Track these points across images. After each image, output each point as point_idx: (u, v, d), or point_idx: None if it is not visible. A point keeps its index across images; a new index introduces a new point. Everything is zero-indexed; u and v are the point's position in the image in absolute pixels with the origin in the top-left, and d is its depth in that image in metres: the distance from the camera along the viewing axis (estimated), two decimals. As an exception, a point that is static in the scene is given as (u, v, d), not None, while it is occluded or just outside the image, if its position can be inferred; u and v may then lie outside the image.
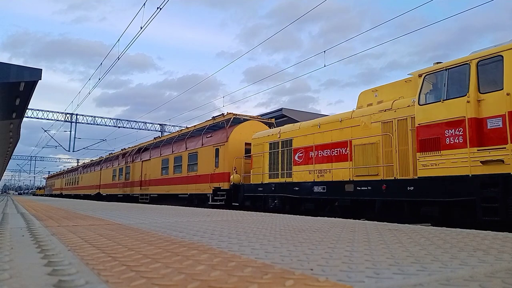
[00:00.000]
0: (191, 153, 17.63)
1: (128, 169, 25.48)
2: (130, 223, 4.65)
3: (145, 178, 22.43)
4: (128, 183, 25.01)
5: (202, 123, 18.01)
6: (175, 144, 19.67)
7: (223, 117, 16.15)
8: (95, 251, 2.35)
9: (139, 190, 22.85)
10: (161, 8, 12.85)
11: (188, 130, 19.17)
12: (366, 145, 9.54)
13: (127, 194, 24.90)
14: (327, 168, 10.50)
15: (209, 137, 16.62)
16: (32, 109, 33.92)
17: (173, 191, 18.71)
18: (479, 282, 1.59)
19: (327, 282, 1.57)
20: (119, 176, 27.10)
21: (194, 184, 16.84)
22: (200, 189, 16.24)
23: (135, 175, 24.04)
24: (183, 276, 1.65)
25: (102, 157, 34.18)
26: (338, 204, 9.84)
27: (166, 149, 20.42)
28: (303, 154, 11.45)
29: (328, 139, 10.67)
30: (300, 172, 11.40)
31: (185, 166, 18.00)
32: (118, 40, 17.81)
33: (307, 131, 11.55)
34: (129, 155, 25.88)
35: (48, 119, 34.89)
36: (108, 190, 29.05)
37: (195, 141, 17.74)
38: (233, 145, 14.91)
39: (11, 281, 1.54)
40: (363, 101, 10.48)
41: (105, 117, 40.80)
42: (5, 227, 4.00)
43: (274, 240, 2.97)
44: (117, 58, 18.22)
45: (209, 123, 17.15)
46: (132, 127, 38.54)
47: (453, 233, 3.48)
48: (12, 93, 8.76)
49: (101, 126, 37.44)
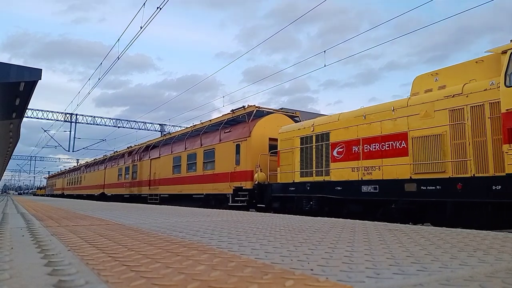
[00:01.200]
0: (207, 149, 16.20)
1: (135, 167, 23.97)
2: (130, 223, 4.65)
3: (154, 177, 20.91)
4: (136, 182, 23.50)
5: (219, 117, 16.52)
6: (188, 141, 18.14)
7: (244, 110, 14.66)
8: (95, 251, 2.35)
9: (148, 190, 21.34)
10: (161, 8, 12.85)
11: (202, 125, 17.52)
12: (428, 137, 8.13)
13: (134, 194, 23.45)
14: (376, 165, 9.10)
15: (228, 132, 15.19)
16: (32, 109, 33.95)
17: (187, 191, 17.23)
18: (479, 282, 1.59)
19: (327, 282, 1.57)
20: (125, 176, 25.60)
21: (211, 184, 15.42)
22: (218, 189, 14.86)
23: (143, 174, 22.53)
24: (183, 276, 1.65)
25: (107, 155, 32.70)
26: (395, 207, 8.40)
27: (178, 146, 18.95)
28: (344, 149, 10.08)
29: (376, 131, 9.26)
30: (340, 170, 10.04)
31: (200, 164, 16.57)
32: (118, 40, 17.81)
33: (348, 122, 10.11)
34: (136, 153, 24.42)
35: (48, 119, 34.91)
36: (113, 190, 27.59)
37: (212, 136, 16.30)
38: (257, 141, 13.55)
39: (11, 281, 1.53)
40: (420, 87, 9.06)
41: (105, 117, 40.82)
42: (5, 227, 4.00)
43: (274, 240, 2.97)
44: (117, 58, 18.22)
45: (228, 117, 15.70)
46: (131, 127, 38.57)
47: (453, 233, 3.48)
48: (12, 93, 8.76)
49: (101, 126, 37.47)
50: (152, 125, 39.71)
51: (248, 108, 14.50)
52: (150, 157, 21.91)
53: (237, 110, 15.18)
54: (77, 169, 43.33)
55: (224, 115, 16.17)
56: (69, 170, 49.27)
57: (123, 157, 26.97)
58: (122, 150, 29.34)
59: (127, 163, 25.41)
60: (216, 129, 16.14)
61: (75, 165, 53.03)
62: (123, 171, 25.97)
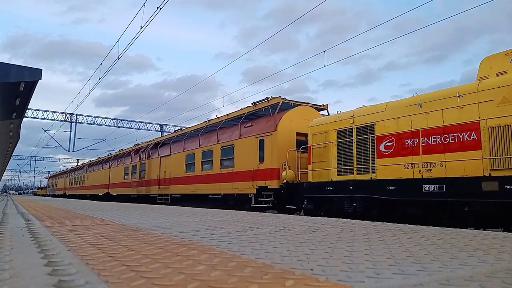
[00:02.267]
0: (225, 146, 14.95)
1: (143, 166, 22.66)
2: (130, 223, 4.65)
3: (164, 176, 19.65)
4: (144, 182, 22.15)
5: (238, 111, 15.25)
6: (202, 137, 16.92)
7: (267, 102, 13.54)
8: (95, 251, 2.35)
9: (157, 190, 20.03)
10: (161, 8, 12.86)
11: (219, 120, 16.20)
12: (509, 127, 6.97)
13: (142, 194, 22.13)
14: (437, 161, 7.83)
15: (249, 127, 14.06)
16: (32, 109, 33.97)
17: (202, 190, 15.99)
18: (479, 282, 1.59)
19: (327, 282, 1.57)
20: (132, 175, 24.25)
21: (230, 183, 14.23)
22: (238, 189, 13.70)
23: (152, 173, 21.24)
24: (183, 276, 1.65)
25: (111, 154, 31.53)
26: (468, 209, 7.28)
27: (191, 143, 17.71)
28: (394, 143, 8.84)
29: (436, 121, 8.00)
30: (389, 167, 8.81)
31: (217, 162, 15.32)
32: (118, 40, 17.82)
33: (399, 112, 8.91)
34: (144, 151, 23.14)
35: (48, 119, 34.93)
36: (119, 190, 26.28)
37: (230, 132, 15.13)
38: (283, 135, 12.36)
39: (11, 281, 1.54)
40: (490, 69, 7.91)
41: (105, 117, 40.82)
42: (5, 227, 4.00)
43: (274, 240, 2.97)
44: (117, 58, 18.23)
45: (248, 110, 14.47)
46: (132, 127, 38.59)
47: (453, 233, 3.48)
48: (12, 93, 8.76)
49: (101, 126, 37.49)
50: (152, 125, 39.74)
51: (273, 100, 13.35)
52: (159, 155, 20.62)
53: (260, 102, 13.94)
54: (80, 168, 41.89)
55: (244, 108, 14.96)
56: (71, 169, 48.08)
57: (130, 155, 25.76)
58: (128, 148, 28.11)
59: (134, 161, 24.16)
60: (235, 124, 15.07)
61: (78, 164, 52.48)
62: (130, 170, 24.73)
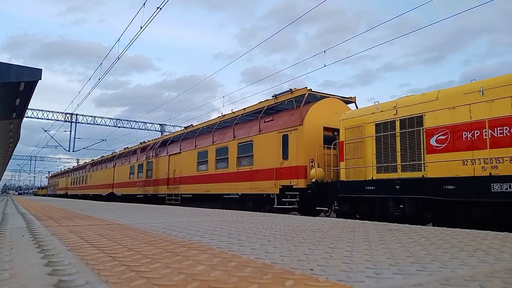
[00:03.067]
0: (242, 142, 13.84)
1: (150, 165, 21.48)
2: (130, 223, 4.65)
3: (173, 176, 18.57)
4: (151, 181, 20.98)
5: (256, 105, 14.09)
6: (216, 133, 15.80)
7: (291, 94, 12.35)
8: (95, 251, 2.35)
9: (166, 190, 18.92)
10: (161, 8, 12.86)
11: (234, 115, 15.06)
12: None
13: (150, 194, 21.03)
14: (506, 156, 7.02)
15: (270, 121, 13.00)
16: (32, 109, 33.96)
17: (216, 190, 14.89)
18: (479, 282, 1.59)
19: (327, 282, 1.57)
20: (138, 174, 23.10)
21: (249, 182, 13.09)
22: (259, 188, 12.60)
23: (160, 172, 20.11)
24: (183, 276, 1.65)
25: (116, 152, 30.17)
26: None
27: (204, 140, 16.66)
28: (449, 136, 7.91)
29: (504, 110, 7.15)
30: (444, 163, 7.82)
31: (233, 160, 14.16)
32: (118, 40, 17.82)
33: (455, 101, 7.94)
34: (151, 149, 21.99)
35: (48, 119, 34.93)
36: (124, 190, 25.13)
37: (247, 127, 14.03)
38: (310, 130, 11.28)
39: (11, 281, 1.54)
40: None
41: (105, 117, 40.82)
42: (5, 227, 4.00)
43: (274, 240, 2.97)
44: (117, 58, 18.23)
45: (268, 104, 13.32)
46: (132, 127, 38.58)
47: (453, 233, 3.48)
48: (12, 93, 8.76)
49: (101, 126, 37.48)
50: (152, 125, 39.74)
51: (297, 91, 12.22)
52: (168, 153, 19.49)
53: (282, 94, 12.81)
54: (82, 167, 40.28)
55: (262, 102, 13.81)
56: (73, 169, 46.76)
57: (135, 153, 24.66)
58: (134, 146, 26.92)
59: (141, 160, 23.03)
60: (253, 119, 14.07)
61: (79, 164, 51.93)
62: (136, 169, 23.55)
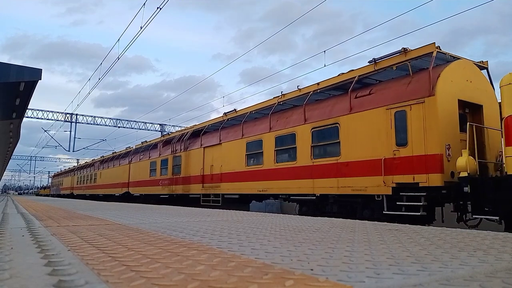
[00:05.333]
0: (320, 127, 10.42)
1: (177, 160, 18.39)
2: (130, 223, 4.65)
3: (211, 172, 15.49)
4: (179, 179, 17.91)
5: (339, 76, 10.63)
6: (275, 117, 12.57)
7: (404, 56, 8.98)
8: (95, 251, 2.35)
9: (201, 189, 15.86)
10: (161, 8, 12.86)
11: (301, 94, 11.68)
12: None
13: (177, 194, 18.06)
14: None
15: (367, 96, 9.60)
16: (32, 109, 33.95)
17: (277, 190, 11.78)
18: (479, 282, 1.59)
19: (327, 282, 1.56)
20: (161, 171, 20.10)
21: (334, 179, 9.79)
22: (353, 187, 9.26)
23: (191, 167, 17.02)
24: (183, 276, 1.65)
25: (131, 147, 27.01)
26: None
27: (255, 126, 13.51)
28: None
29: None
30: None
31: (305, 150, 10.78)
32: (118, 40, 17.82)
33: None
34: (178, 141, 18.87)
35: (48, 119, 34.92)
36: (143, 189, 22.09)
37: (328, 106, 10.68)
38: (444, 104, 8.07)
39: (11, 281, 1.53)
40: None
41: (105, 117, 40.83)
42: (5, 227, 4.00)
43: (274, 240, 2.97)
44: (117, 58, 18.23)
45: (361, 73, 9.87)
46: (132, 127, 38.60)
47: (453, 233, 3.47)
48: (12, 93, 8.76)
49: (101, 126, 37.48)
50: (152, 125, 39.75)
51: (417, 50, 8.78)
52: (202, 145, 16.42)
53: (388, 57, 9.38)
54: (90, 165, 36.91)
55: (352, 71, 10.24)
56: (79, 166, 43.01)
57: (156, 148, 21.72)
58: (154, 139, 24.05)
59: (165, 154, 20.01)
60: (336, 95, 11.04)
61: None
62: (158, 165, 20.47)
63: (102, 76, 21.71)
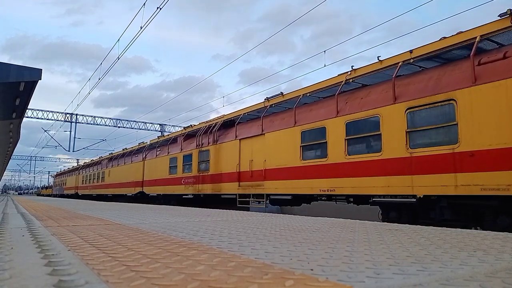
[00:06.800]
0: (419, 106, 7.83)
1: (204, 155, 16.08)
2: (130, 223, 4.65)
3: (250, 168, 13.12)
4: (206, 177, 15.60)
5: (459, 35, 7.67)
6: (343, 98, 10.04)
7: None
8: (95, 251, 2.35)
9: (237, 189, 13.57)
10: (161, 8, 12.86)
11: (393, 62, 8.80)
12: None
13: (206, 194, 15.74)
14: None
15: (504, 60, 6.81)
16: (32, 109, 33.96)
17: (350, 189, 9.17)
18: (479, 282, 1.59)
19: (327, 282, 1.57)
20: (183, 168, 17.78)
21: (447, 175, 7.27)
22: (484, 185, 6.79)
23: (224, 163, 14.68)
24: (183, 276, 1.65)
25: (146, 142, 24.47)
26: None
27: (313, 111, 10.93)
28: None
29: None
30: None
31: (396, 137, 8.14)
32: (118, 40, 17.82)
33: None
34: (205, 134, 16.39)
35: (48, 119, 34.93)
36: (161, 189, 19.71)
37: (433, 78, 8.02)
38: None
39: (11, 281, 1.54)
40: None
41: (105, 117, 40.83)
42: (5, 227, 4.00)
43: (274, 240, 2.97)
44: (117, 58, 18.24)
45: (493, 29, 7.15)
46: (132, 127, 38.61)
47: (453, 233, 3.48)
48: (12, 93, 8.77)
49: (101, 126, 37.49)
50: (152, 125, 39.76)
51: None
52: (238, 137, 14.12)
53: None
54: (97, 163, 34.47)
55: (469, 30, 7.49)
56: (84, 165, 40.76)
57: (176, 142, 19.46)
58: (173, 132, 21.62)
59: (188, 149, 17.68)
60: (444, 63, 8.33)
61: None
62: (180, 161, 18.10)
63: (102, 76, 21.72)
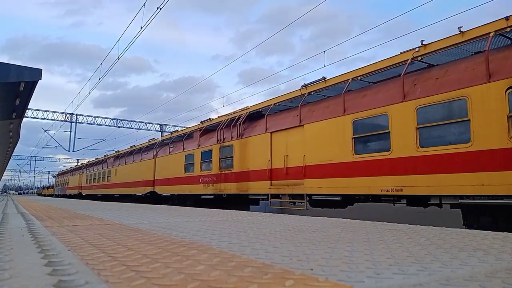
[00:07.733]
0: None
1: (226, 151, 14.45)
2: (130, 223, 4.65)
3: (286, 164, 11.35)
4: (230, 175, 14.03)
5: None
6: (410, 80, 8.33)
7: None
8: (95, 251, 2.35)
9: (269, 188, 11.94)
10: (161, 8, 12.87)
11: (480, 33, 7.17)
12: None
13: (229, 194, 14.08)
14: None
15: None
16: (32, 109, 33.96)
17: (425, 189, 7.51)
18: (479, 282, 1.59)
19: (327, 282, 1.57)
20: (201, 165, 16.16)
21: None
22: None
23: (251, 159, 12.99)
24: (183, 276, 1.65)
25: (157, 139, 23.12)
26: None
27: (368, 97, 9.32)
28: None
29: None
30: None
31: (492, 124, 6.68)
32: (118, 40, 17.83)
33: None
34: (227, 128, 14.73)
35: (48, 119, 34.93)
36: (175, 188, 18.09)
37: None
38: None
39: (11, 281, 1.54)
40: None
41: (105, 117, 40.82)
42: (5, 227, 4.00)
43: (274, 240, 2.97)
44: (117, 58, 18.26)
45: None
46: (132, 127, 38.60)
47: (453, 233, 3.47)
48: (12, 93, 8.77)
49: (101, 126, 37.47)
50: (152, 125, 39.75)
51: None
52: (268, 130, 12.37)
53: None
54: (102, 161, 32.74)
55: None
56: (88, 164, 39.05)
57: (192, 137, 17.94)
58: (189, 127, 19.69)
59: (206, 145, 16.16)
60: None
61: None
62: (197, 158, 16.48)
63: (102, 77, 21.74)
